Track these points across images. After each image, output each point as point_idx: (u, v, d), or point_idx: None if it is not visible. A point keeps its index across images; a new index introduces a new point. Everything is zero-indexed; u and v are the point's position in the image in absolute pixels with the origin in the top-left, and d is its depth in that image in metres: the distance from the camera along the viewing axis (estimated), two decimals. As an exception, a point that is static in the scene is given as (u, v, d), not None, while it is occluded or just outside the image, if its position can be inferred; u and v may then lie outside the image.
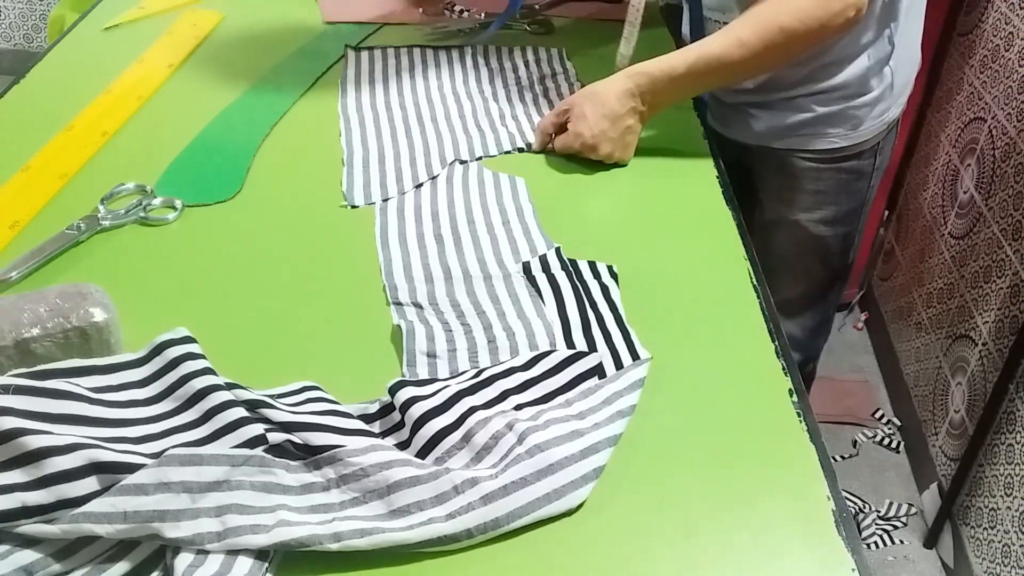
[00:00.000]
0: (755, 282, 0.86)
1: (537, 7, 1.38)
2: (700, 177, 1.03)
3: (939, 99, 2.01)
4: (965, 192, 1.84)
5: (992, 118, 1.75)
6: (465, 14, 1.34)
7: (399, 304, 0.81)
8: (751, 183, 1.25)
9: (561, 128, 1.04)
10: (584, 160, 1.03)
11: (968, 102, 1.86)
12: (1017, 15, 1.67)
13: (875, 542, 1.79)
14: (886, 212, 2.22)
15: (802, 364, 1.42)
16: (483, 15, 1.34)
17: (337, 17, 1.34)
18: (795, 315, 1.33)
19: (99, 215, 0.89)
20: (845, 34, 1.00)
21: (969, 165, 1.83)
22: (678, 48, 1.04)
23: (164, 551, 0.58)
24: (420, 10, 1.36)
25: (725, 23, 1.03)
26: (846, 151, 1.16)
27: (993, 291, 1.68)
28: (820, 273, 1.29)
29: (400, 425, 0.67)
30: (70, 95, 1.11)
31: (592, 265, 0.86)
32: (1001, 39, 1.73)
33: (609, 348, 0.76)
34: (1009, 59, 1.69)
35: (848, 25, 0.97)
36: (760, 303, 0.84)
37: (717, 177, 1.03)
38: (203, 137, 1.04)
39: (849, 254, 1.29)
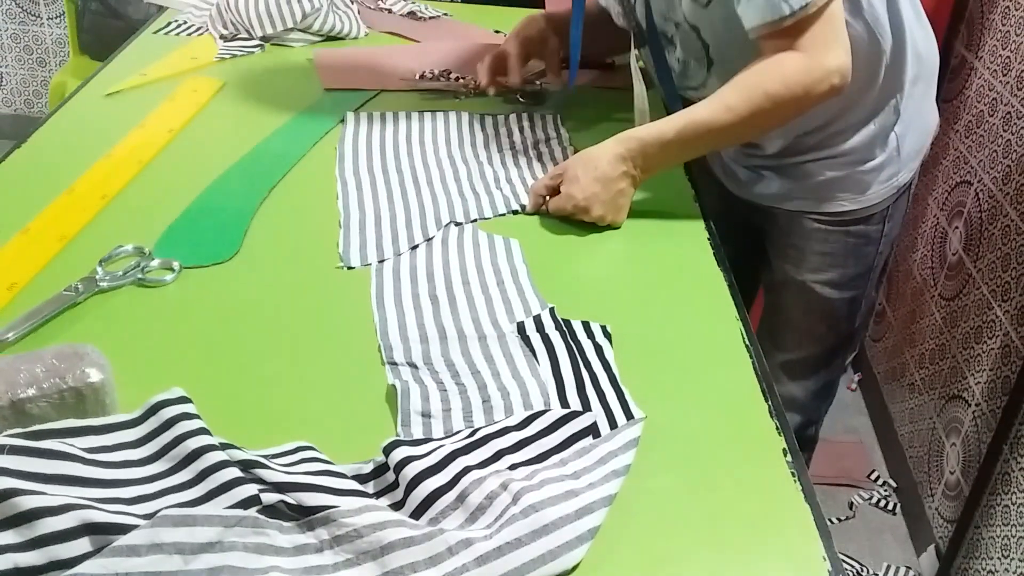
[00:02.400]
0: (747, 342, 0.87)
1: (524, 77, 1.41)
2: (691, 239, 1.04)
3: (926, 163, 2.05)
4: (954, 254, 1.86)
5: (978, 181, 1.78)
6: (460, 81, 1.37)
7: (394, 364, 0.81)
8: (761, 243, 1.27)
9: (554, 191, 1.06)
10: (577, 222, 1.04)
11: (954, 166, 1.89)
12: (1000, 82, 1.72)
13: (874, 607, 1.77)
14: (877, 274, 2.24)
15: (803, 427, 1.41)
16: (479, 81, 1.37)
17: (335, 84, 1.37)
18: (799, 377, 1.33)
19: (97, 276, 0.89)
20: (831, 100, 1.01)
21: (957, 227, 1.86)
22: (668, 112, 1.06)
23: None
24: (417, 76, 1.38)
25: (699, 98, 1.05)
26: (854, 215, 1.18)
27: (984, 351, 1.69)
28: (826, 336, 1.29)
29: (394, 485, 0.67)
30: (71, 159, 1.12)
31: (586, 325, 0.86)
32: (985, 105, 1.77)
33: (603, 407, 0.76)
34: (994, 124, 1.73)
35: (833, 92, 0.99)
36: (753, 363, 0.84)
37: (708, 239, 1.04)
38: (202, 199, 1.06)
39: (855, 319, 1.30)
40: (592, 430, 0.73)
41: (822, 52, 0.97)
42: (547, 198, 1.06)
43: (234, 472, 0.63)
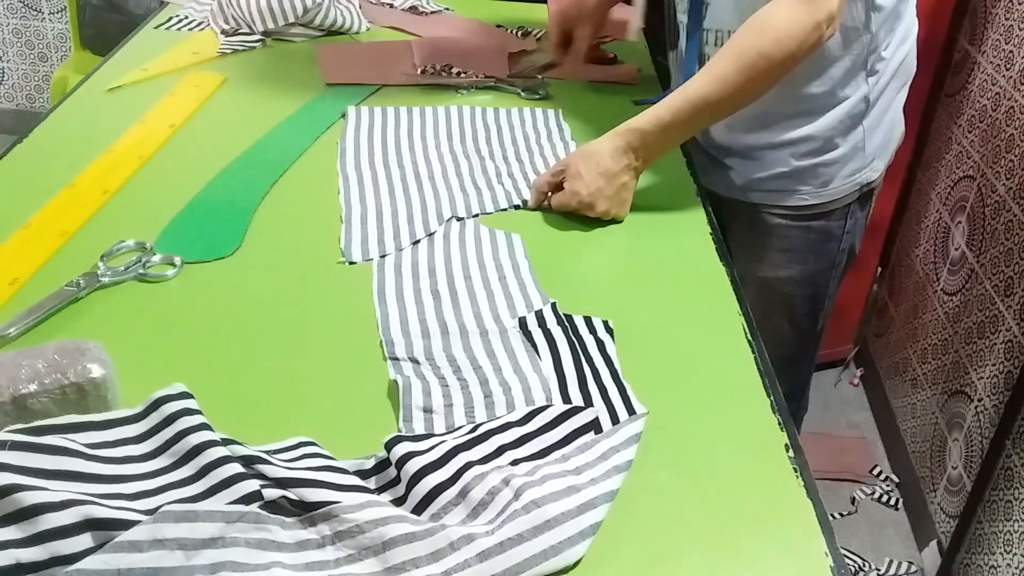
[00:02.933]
0: (749, 337, 0.87)
1: (526, 72, 1.41)
2: (694, 233, 1.04)
3: (928, 158, 2.04)
4: (956, 249, 1.86)
5: (981, 176, 1.77)
6: (462, 76, 1.37)
7: (395, 359, 0.81)
8: (723, 238, 1.27)
9: (556, 187, 1.05)
10: (579, 217, 1.04)
11: (957, 161, 1.89)
12: (1003, 76, 1.71)
13: (876, 602, 1.77)
14: (879, 268, 2.24)
15: None
16: (481, 76, 1.37)
17: (337, 79, 1.37)
18: None
19: (98, 272, 0.89)
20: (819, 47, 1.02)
21: (960, 222, 1.85)
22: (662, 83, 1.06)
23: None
24: (418, 71, 1.38)
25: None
26: (815, 209, 1.18)
27: (987, 347, 1.69)
28: (787, 335, 1.29)
29: (396, 481, 0.67)
30: (72, 154, 1.12)
31: (588, 320, 0.86)
32: (988, 99, 1.76)
33: (605, 403, 0.76)
34: (997, 119, 1.72)
35: (822, 40, 1.00)
36: (755, 358, 0.84)
37: (711, 233, 1.04)
38: (203, 195, 1.06)
39: (818, 319, 1.29)
40: (594, 425, 0.73)
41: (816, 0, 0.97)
42: (549, 194, 1.06)
43: (236, 468, 0.63)
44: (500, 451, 0.70)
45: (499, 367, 0.80)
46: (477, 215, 1.04)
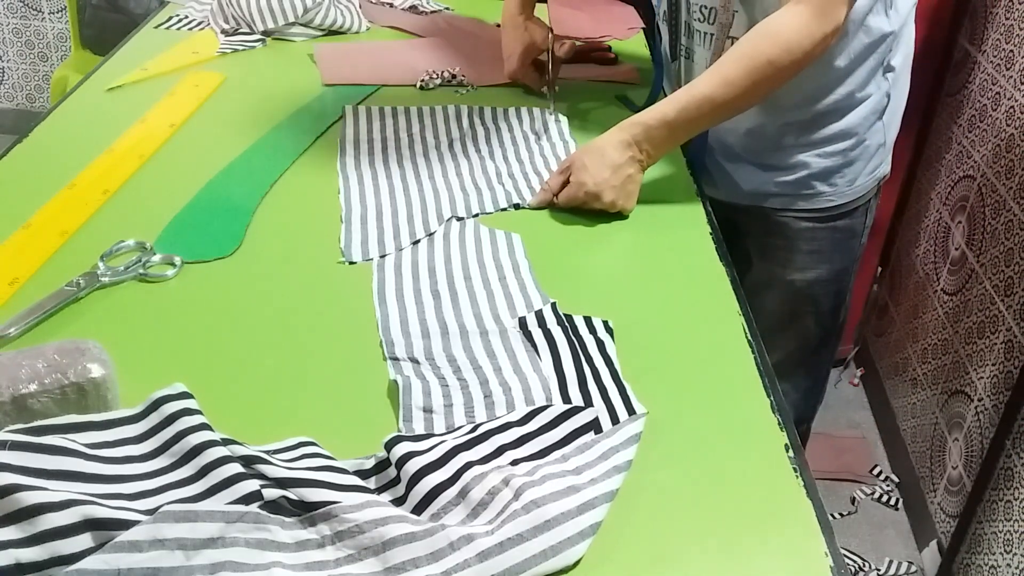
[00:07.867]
0: (749, 337, 0.87)
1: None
2: (694, 234, 1.04)
3: (928, 157, 2.04)
4: (956, 249, 1.86)
5: (981, 176, 1.77)
6: (463, 77, 1.37)
7: (395, 359, 0.81)
8: (735, 243, 1.27)
9: (564, 185, 1.06)
10: (579, 216, 1.04)
11: (957, 160, 1.89)
12: (1003, 75, 1.71)
13: (876, 602, 1.77)
14: (879, 268, 2.24)
15: (795, 424, 1.41)
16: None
17: (336, 80, 1.37)
18: (789, 375, 1.33)
19: (98, 272, 0.89)
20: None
21: (960, 222, 1.85)
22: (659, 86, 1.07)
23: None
24: (418, 84, 1.36)
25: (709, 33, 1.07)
26: (841, 209, 1.18)
27: (987, 347, 1.68)
28: (812, 332, 1.29)
29: (396, 481, 0.67)
30: (72, 154, 1.12)
31: (588, 320, 0.86)
32: (988, 99, 1.76)
33: (605, 403, 0.76)
34: (997, 119, 1.72)
35: (826, 45, 1.00)
36: (755, 358, 0.84)
37: (711, 234, 1.04)
38: (203, 194, 1.06)
39: (840, 312, 1.30)
40: (594, 425, 0.73)
41: (828, 12, 0.98)
42: (556, 195, 1.06)
43: (236, 468, 0.63)
44: (500, 451, 0.70)
45: (499, 367, 0.80)
46: (477, 215, 1.04)
